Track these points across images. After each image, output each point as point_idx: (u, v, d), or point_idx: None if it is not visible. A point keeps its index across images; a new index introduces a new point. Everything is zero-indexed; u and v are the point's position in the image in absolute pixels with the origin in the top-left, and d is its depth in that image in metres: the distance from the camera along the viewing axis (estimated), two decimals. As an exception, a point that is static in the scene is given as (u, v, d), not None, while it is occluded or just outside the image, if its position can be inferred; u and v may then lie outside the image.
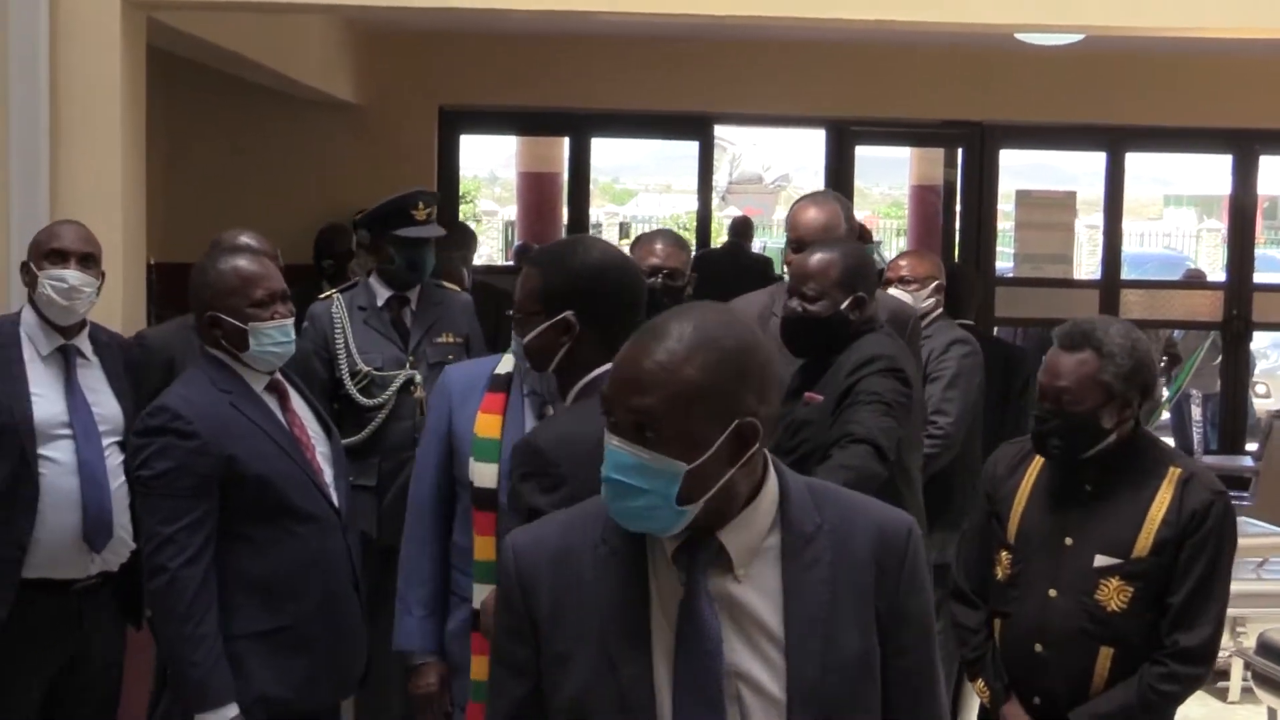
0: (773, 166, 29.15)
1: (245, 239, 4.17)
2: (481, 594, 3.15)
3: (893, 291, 4.98)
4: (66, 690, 3.79)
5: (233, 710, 3.21)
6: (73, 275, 3.82)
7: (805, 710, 1.90)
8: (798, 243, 4.16)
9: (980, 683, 3.47)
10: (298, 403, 3.52)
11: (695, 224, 11.73)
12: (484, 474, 3.30)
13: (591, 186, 11.93)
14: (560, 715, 1.95)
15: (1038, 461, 3.41)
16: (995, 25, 5.69)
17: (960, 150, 10.96)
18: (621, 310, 2.82)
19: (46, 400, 3.77)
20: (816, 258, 3.84)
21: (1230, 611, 4.92)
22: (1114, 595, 3.22)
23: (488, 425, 3.35)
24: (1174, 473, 3.27)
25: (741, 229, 12.29)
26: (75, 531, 3.68)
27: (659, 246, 4.44)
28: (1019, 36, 8.46)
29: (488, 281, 7.65)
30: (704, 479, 1.87)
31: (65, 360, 3.83)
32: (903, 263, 5.35)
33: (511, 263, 12.96)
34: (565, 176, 11.87)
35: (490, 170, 27.12)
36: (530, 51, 9.96)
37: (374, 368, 4.78)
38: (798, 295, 3.81)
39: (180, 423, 3.22)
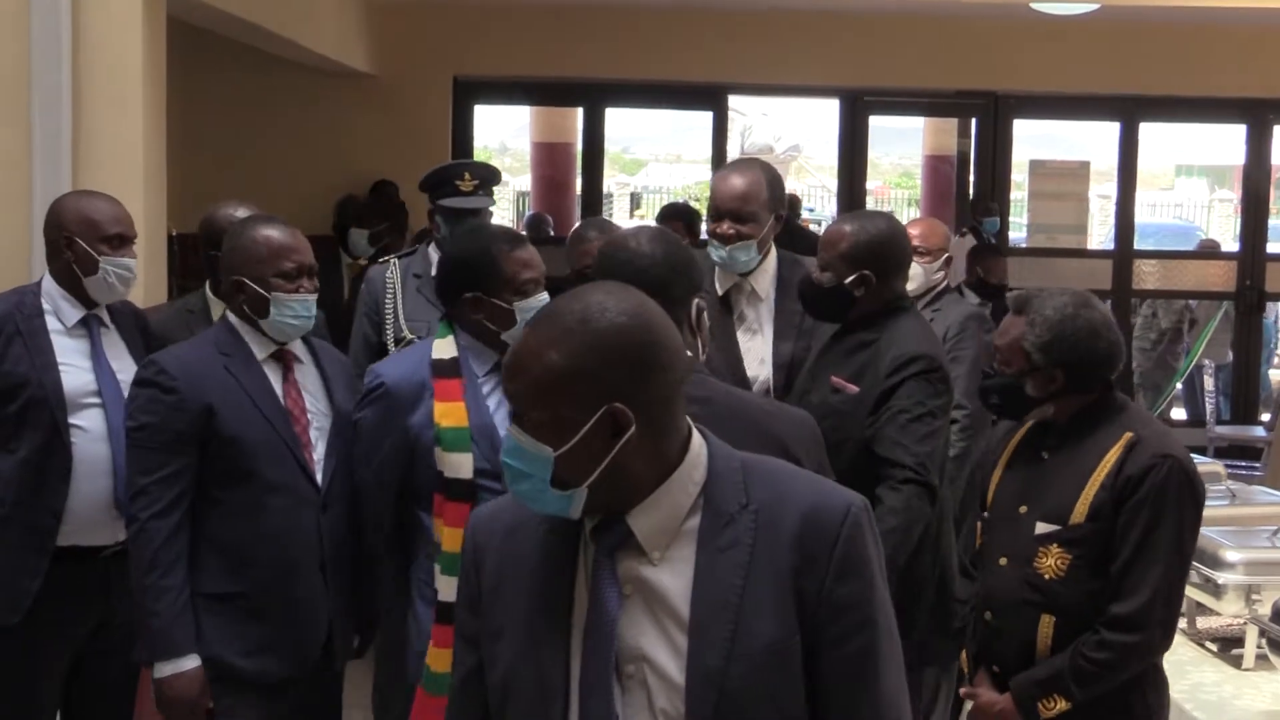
0: (783, 137, 29.07)
1: (243, 211, 4.11)
2: (449, 586, 3.10)
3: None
4: (93, 654, 3.82)
5: (192, 661, 3.25)
6: (133, 262, 3.84)
7: (704, 698, 1.82)
8: (714, 211, 4.06)
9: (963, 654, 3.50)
10: (308, 376, 3.48)
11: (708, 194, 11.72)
12: (456, 464, 3.28)
13: (603, 157, 11.92)
14: (494, 691, 1.94)
15: (1021, 431, 3.41)
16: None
17: (974, 120, 10.95)
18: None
19: (75, 370, 3.77)
20: (835, 228, 3.84)
21: (1244, 579, 4.98)
22: (1053, 563, 3.16)
23: (451, 414, 3.30)
24: (1126, 437, 3.17)
25: (791, 205, 12.29)
26: (106, 498, 3.70)
27: (593, 234, 4.76)
28: (1034, 6, 8.46)
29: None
30: (577, 464, 1.82)
31: (89, 330, 3.84)
32: (915, 231, 5.03)
33: (524, 234, 12.94)
34: (579, 147, 11.87)
35: (501, 140, 27.10)
36: (545, 22, 9.97)
37: (419, 336, 4.76)
38: (818, 260, 3.83)
39: (164, 377, 3.28)
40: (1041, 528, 3.20)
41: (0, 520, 3.76)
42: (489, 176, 4.86)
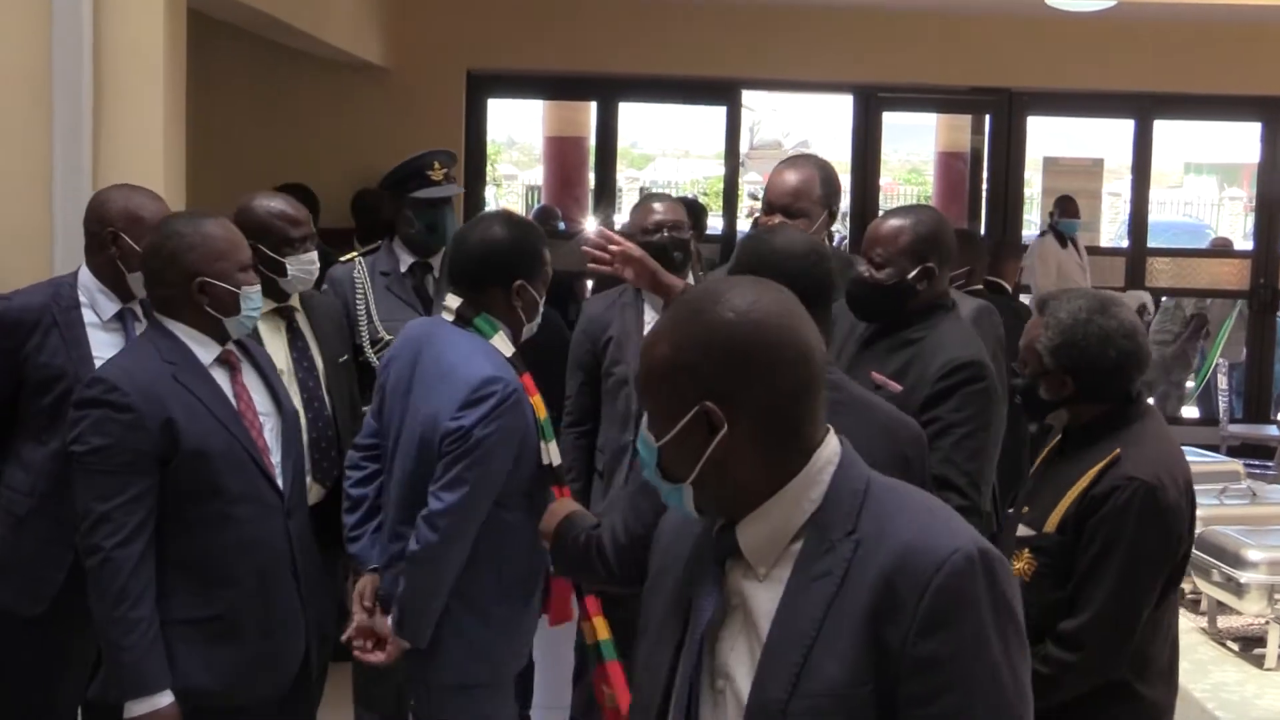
0: (792, 132, 29.04)
1: (274, 202, 4.13)
2: None
3: None
4: None
5: (167, 698, 3.08)
6: None
7: None
8: (767, 205, 4.06)
9: None
10: (250, 377, 3.39)
11: (722, 189, 11.72)
12: (553, 451, 3.42)
13: (613, 151, 11.91)
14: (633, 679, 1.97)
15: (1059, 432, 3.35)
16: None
17: (988, 117, 10.94)
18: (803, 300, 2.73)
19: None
20: (888, 223, 3.69)
21: (1266, 578, 4.96)
22: (1023, 567, 3.09)
23: (539, 405, 3.41)
24: (1114, 454, 3.06)
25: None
26: None
27: (657, 205, 4.68)
28: (1049, 2, 8.44)
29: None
30: (679, 458, 1.79)
31: (123, 324, 3.83)
32: None
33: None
34: (591, 141, 11.86)
35: (509, 134, 27.08)
36: (558, 16, 9.95)
37: (395, 335, 4.75)
38: (866, 259, 3.67)
39: (116, 395, 3.08)
40: (1021, 530, 3.15)
41: (29, 512, 3.77)
42: (451, 164, 4.84)
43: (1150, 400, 3.35)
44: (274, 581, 3.28)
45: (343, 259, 4.89)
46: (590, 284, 8.31)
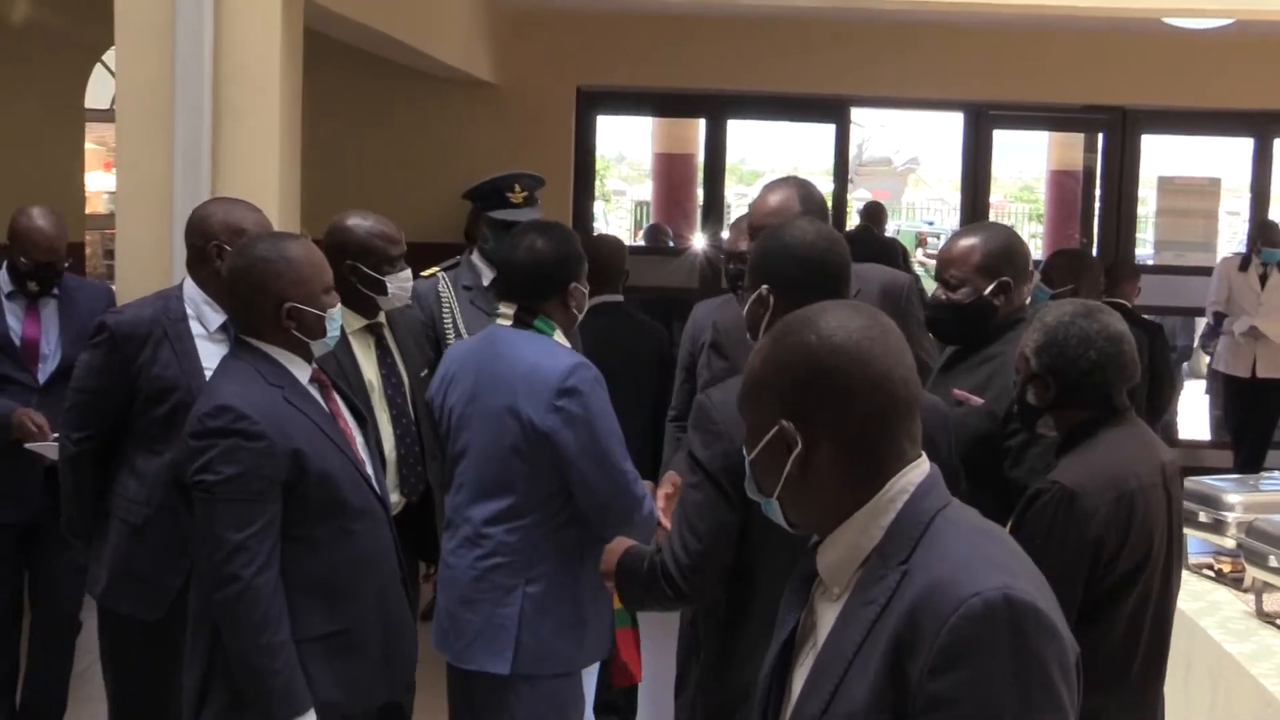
0: (902, 149, 28.89)
1: (370, 221, 4.17)
2: None
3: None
4: None
5: (312, 717, 3.12)
6: None
7: None
8: (750, 229, 4.03)
9: None
10: (335, 393, 3.45)
11: (830, 206, 11.68)
12: None
13: (722, 168, 11.94)
14: None
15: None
16: (1148, 10, 5.60)
17: (1101, 135, 10.80)
18: (809, 287, 2.84)
19: None
20: (959, 243, 3.69)
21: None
22: None
23: None
24: (1059, 462, 3.07)
25: (874, 213, 12.23)
26: None
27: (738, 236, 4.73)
28: (1166, 20, 8.32)
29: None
30: (765, 473, 1.85)
31: (228, 335, 3.87)
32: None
33: (643, 243, 13.00)
34: (700, 158, 11.89)
35: (619, 150, 27.20)
36: (667, 33, 9.99)
37: None
38: (940, 282, 3.67)
39: (246, 423, 3.08)
40: None
41: (145, 521, 3.87)
42: (535, 187, 4.89)
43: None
44: (389, 592, 3.36)
45: (424, 274, 4.92)
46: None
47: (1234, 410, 9.43)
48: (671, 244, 11.66)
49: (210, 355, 3.80)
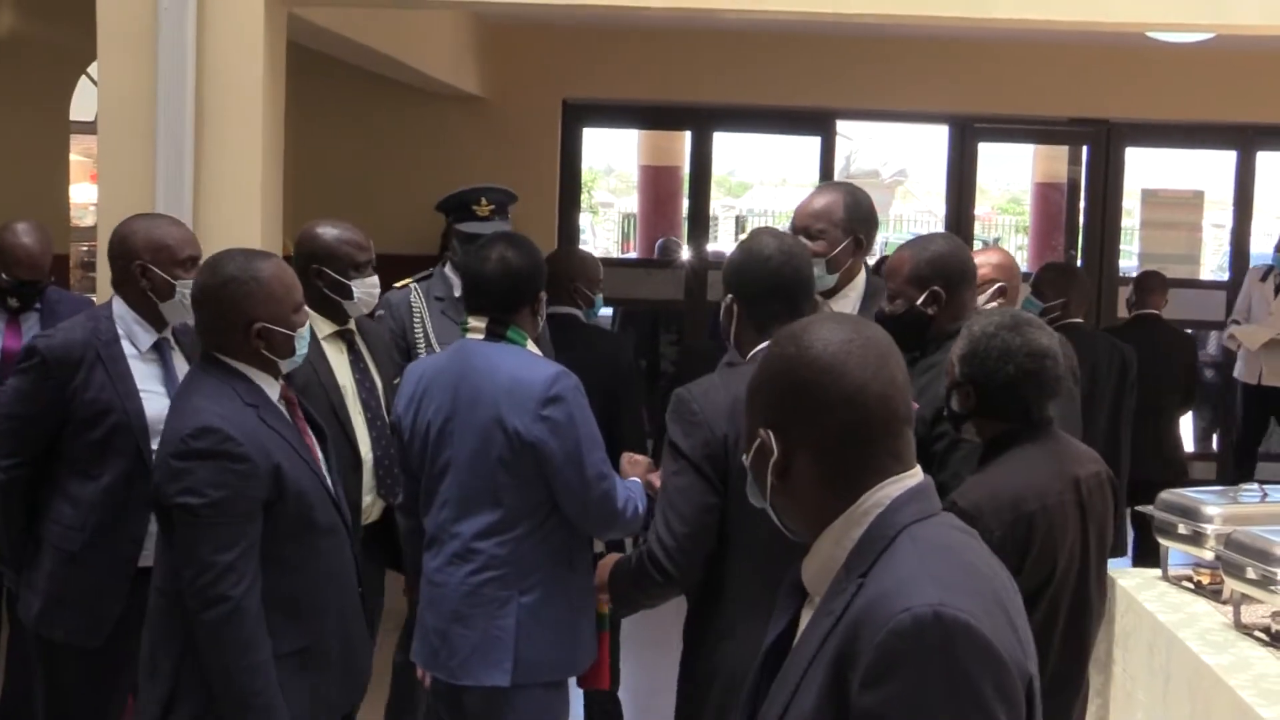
0: (890, 161, 28.91)
1: (338, 228, 4.22)
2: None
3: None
4: None
5: None
6: None
7: None
8: (792, 227, 4.11)
9: None
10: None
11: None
12: None
13: (709, 180, 11.95)
14: None
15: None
16: (1131, 24, 5.61)
17: (1085, 148, 10.83)
18: (768, 296, 3.18)
19: (153, 396, 3.78)
20: (895, 255, 3.77)
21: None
22: None
23: None
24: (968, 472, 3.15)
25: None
26: None
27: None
28: (1149, 33, 8.34)
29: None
30: (755, 479, 1.89)
31: (160, 354, 3.86)
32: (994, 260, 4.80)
33: (633, 255, 13.02)
34: (686, 170, 11.91)
35: (607, 162, 27.24)
36: (653, 46, 10.01)
37: None
38: (886, 294, 3.76)
39: (231, 444, 3.06)
40: None
41: (83, 546, 3.79)
42: (504, 200, 4.91)
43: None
44: (348, 607, 3.39)
45: (397, 285, 4.94)
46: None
47: (1244, 417, 9.51)
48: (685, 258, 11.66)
49: (144, 376, 3.78)
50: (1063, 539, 3.04)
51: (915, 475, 1.85)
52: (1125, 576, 4.54)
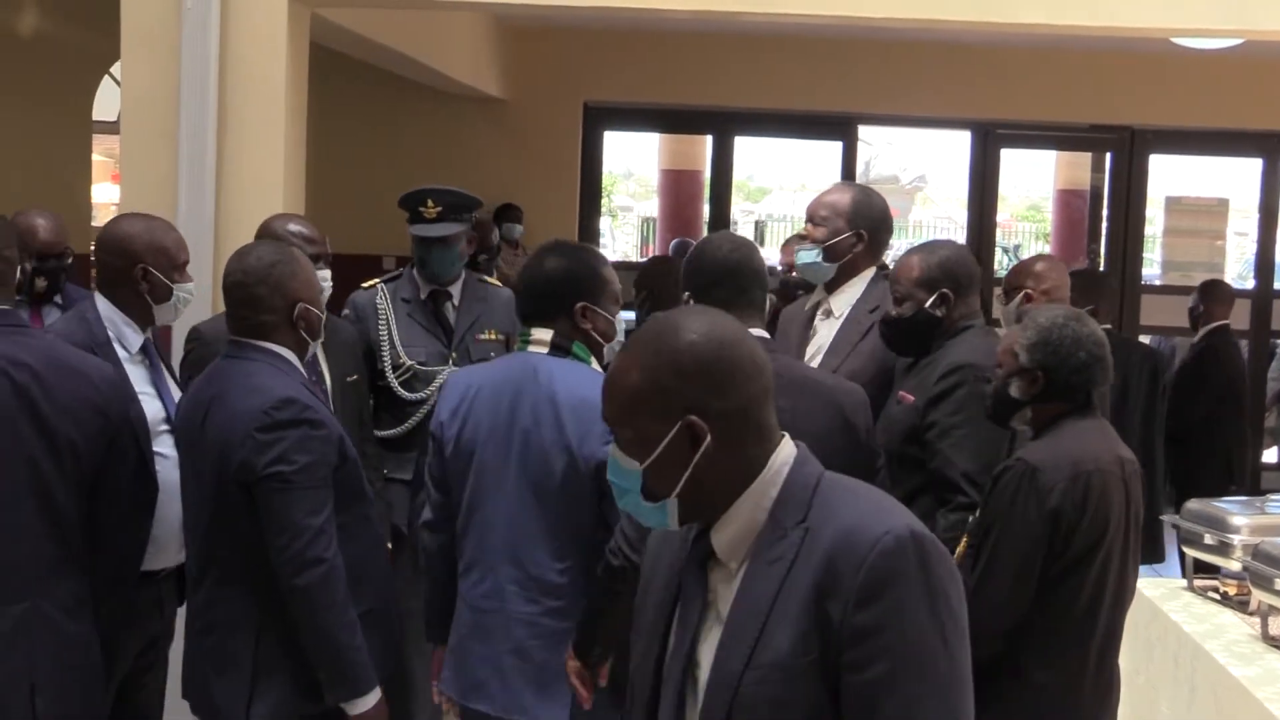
0: (909, 167, 28.88)
1: (297, 225, 4.19)
2: None
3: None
4: (136, 671, 3.69)
5: (378, 690, 3.25)
6: (194, 285, 3.82)
7: (720, 700, 1.90)
8: (809, 216, 4.29)
9: None
10: None
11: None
12: None
13: (729, 184, 11.93)
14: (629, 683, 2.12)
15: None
16: (1156, 30, 5.58)
17: (1109, 155, 10.78)
18: (721, 291, 3.22)
19: (148, 397, 3.67)
20: (903, 260, 3.92)
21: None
22: (960, 552, 3.32)
23: None
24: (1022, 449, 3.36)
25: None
26: (179, 522, 3.49)
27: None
28: (1174, 40, 8.30)
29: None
30: (663, 476, 1.93)
31: (148, 355, 3.78)
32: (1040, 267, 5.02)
33: (646, 259, 13.02)
34: (707, 174, 11.89)
35: (627, 166, 27.23)
36: (675, 49, 10.00)
37: (418, 362, 4.77)
38: (893, 299, 3.89)
39: (310, 412, 3.21)
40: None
41: None
42: (456, 203, 4.83)
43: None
44: (387, 576, 3.52)
45: (365, 285, 4.91)
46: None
47: None
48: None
49: (137, 377, 3.69)
50: (1113, 505, 3.24)
51: (788, 435, 2.01)
52: (1151, 586, 4.50)
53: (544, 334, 3.41)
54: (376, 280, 4.92)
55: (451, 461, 3.46)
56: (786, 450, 1.98)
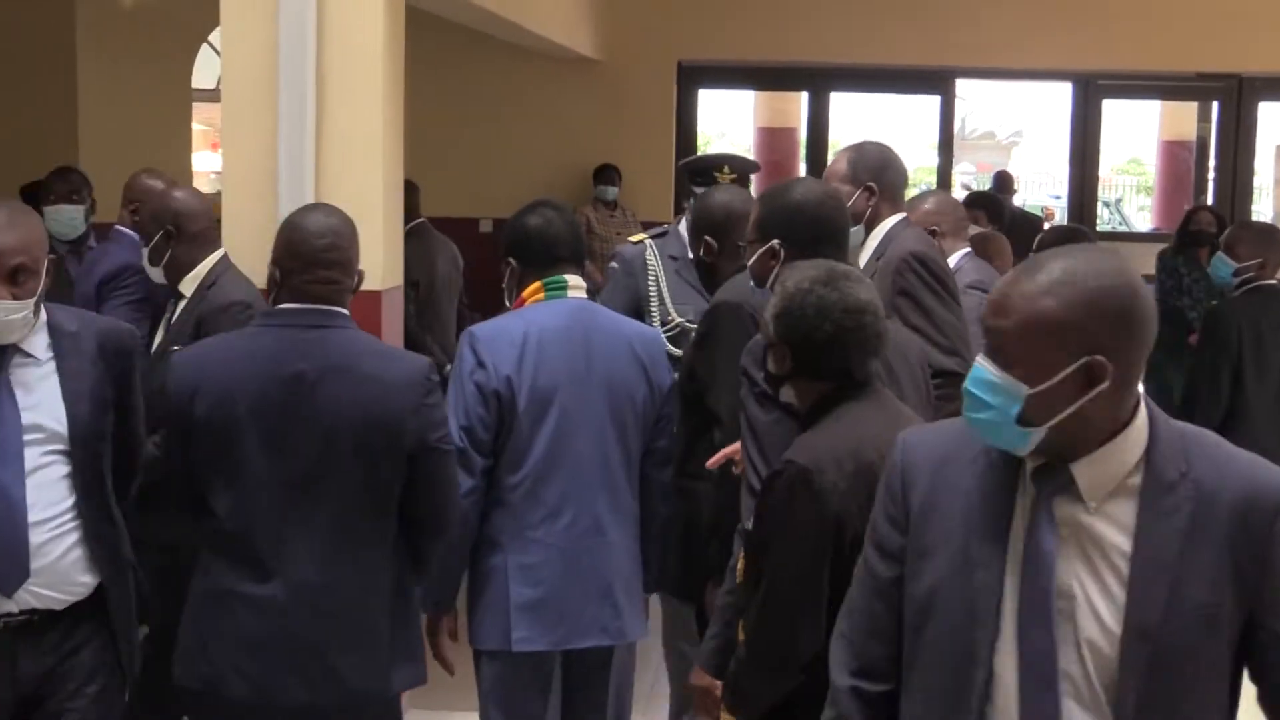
0: (1005, 122, 28.46)
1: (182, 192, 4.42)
2: None
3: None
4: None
5: None
6: (16, 304, 2.98)
7: (1139, 650, 1.98)
8: None
9: None
10: None
11: (935, 179, 11.54)
12: None
13: (825, 141, 11.83)
14: (913, 604, 2.14)
15: None
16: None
17: (1215, 104, 10.53)
18: (818, 240, 3.27)
19: None
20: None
21: None
22: (743, 566, 3.09)
23: None
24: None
25: (1003, 183, 12.05)
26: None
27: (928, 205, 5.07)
28: (1285, -16, 8.08)
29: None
30: (1046, 405, 1.97)
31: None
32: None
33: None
34: (803, 132, 11.79)
35: (721, 126, 27.05)
36: (768, 5, 9.90)
37: (687, 320, 4.63)
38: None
39: (435, 374, 3.28)
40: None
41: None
42: (746, 169, 4.92)
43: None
44: None
45: (632, 239, 4.93)
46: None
47: None
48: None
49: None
50: None
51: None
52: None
53: (579, 280, 3.67)
54: (643, 235, 4.91)
55: (526, 412, 3.50)
56: (1142, 400, 2.05)
